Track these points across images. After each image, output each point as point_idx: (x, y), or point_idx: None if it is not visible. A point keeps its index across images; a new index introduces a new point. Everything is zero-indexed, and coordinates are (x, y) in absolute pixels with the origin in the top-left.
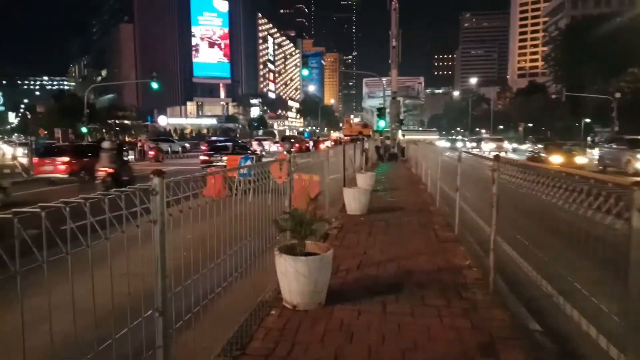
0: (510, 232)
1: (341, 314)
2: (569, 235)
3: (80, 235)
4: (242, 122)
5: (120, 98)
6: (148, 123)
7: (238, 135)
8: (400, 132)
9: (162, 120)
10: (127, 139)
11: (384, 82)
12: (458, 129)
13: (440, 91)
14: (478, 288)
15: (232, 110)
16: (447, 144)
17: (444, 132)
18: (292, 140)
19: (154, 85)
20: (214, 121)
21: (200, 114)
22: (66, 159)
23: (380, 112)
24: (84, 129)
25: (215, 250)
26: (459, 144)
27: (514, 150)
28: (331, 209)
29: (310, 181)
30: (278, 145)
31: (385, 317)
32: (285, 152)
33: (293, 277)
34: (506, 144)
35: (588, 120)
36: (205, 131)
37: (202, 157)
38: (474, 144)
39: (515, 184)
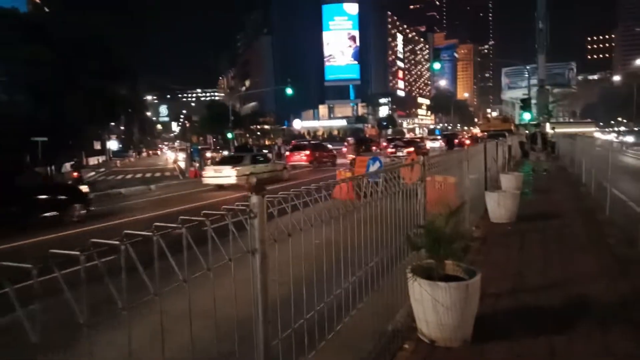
0: None
1: (494, 356)
2: None
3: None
4: (371, 122)
5: (262, 105)
6: (284, 127)
7: (367, 136)
8: (548, 124)
9: (297, 124)
10: (266, 142)
11: (527, 70)
12: (619, 119)
13: (596, 77)
14: None
15: (361, 111)
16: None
17: (600, 124)
18: (397, 144)
19: (289, 91)
20: (344, 122)
21: (332, 116)
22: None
23: (525, 103)
24: (229, 135)
25: (333, 276)
26: None
27: None
28: (471, 215)
29: (444, 183)
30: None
31: None
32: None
33: (430, 307)
34: None
35: None
36: (335, 132)
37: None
38: None
39: None
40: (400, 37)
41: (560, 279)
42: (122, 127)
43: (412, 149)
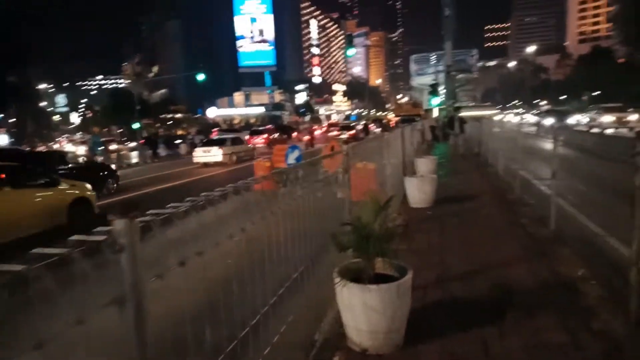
0: None
1: None
2: None
3: None
4: (288, 108)
5: (173, 93)
6: (198, 116)
7: (285, 123)
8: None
9: (212, 112)
10: (178, 132)
11: (434, 57)
12: (515, 102)
13: (494, 63)
14: (609, 314)
15: (278, 98)
16: (532, 119)
17: (499, 106)
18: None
19: (200, 77)
20: (261, 110)
21: (248, 103)
22: None
23: (433, 89)
24: (135, 125)
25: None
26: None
27: None
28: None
29: (364, 170)
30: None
31: None
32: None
33: (361, 312)
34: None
35: None
36: (253, 120)
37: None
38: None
39: None
40: (314, 24)
41: (483, 264)
42: (13, 120)
43: (353, 131)
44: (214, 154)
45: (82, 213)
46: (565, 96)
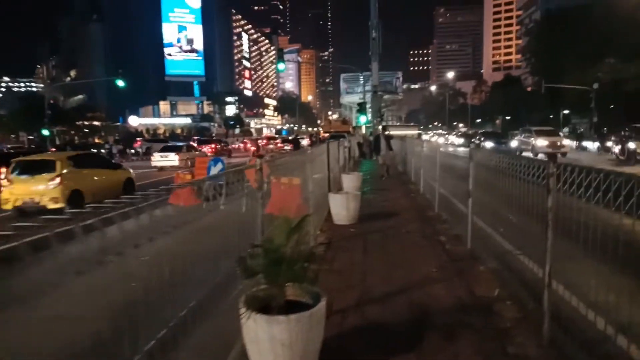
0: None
1: None
2: None
3: None
4: (217, 120)
5: (92, 99)
6: (119, 124)
7: (214, 135)
8: (380, 127)
9: (134, 121)
10: (95, 140)
11: (362, 77)
12: (436, 123)
13: (417, 86)
14: (524, 336)
15: (207, 109)
16: (459, 140)
17: (422, 127)
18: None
19: (120, 83)
20: (188, 120)
21: (175, 113)
22: None
23: (361, 107)
24: (45, 132)
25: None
26: (451, 140)
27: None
28: (315, 218)
29: (289, 185)
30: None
31: None
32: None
33: (268, 347)
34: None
35: (566, 111)
36: (179, 131)
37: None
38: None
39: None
40: (245, 37)
41: (402, 285)
42: None
43: (292, 145)
44: (171, 159)
45: (129, 188)
46: (480, 120)
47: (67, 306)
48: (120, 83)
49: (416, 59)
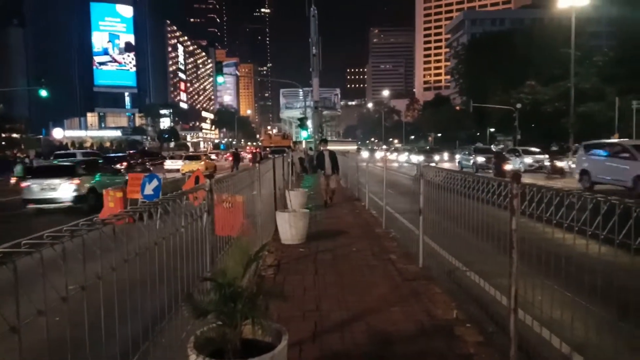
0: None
1: None
2: None
3: None
4: (151, 134)
5: (10, 109)
6: (41, 137)
7: (147, 148)
8: (319, 142)
9: (58, 133)
10: (16, 154)
11: (302, 92)
12: (372, 139)
13: (354, 103)
14: None
15: (139, 122)
16: (418, 158)
17: (359, 142)
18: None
19: (43, 93)
20: (118, 133)
21: (103, 125)
22: None
23: (302, 122)
24: None
25: None
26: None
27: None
28: (262, 238)
29: (232, 202)
30: None
31: None
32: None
33: None
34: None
35: (492, 129)
36: (108, 144)
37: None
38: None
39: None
40: (181, 49)
41: (358, 310)
42: None
43: (232, 157)
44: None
45: None
46: (413, 136)
47: None
48: (43, 93)
49: (353, 77)
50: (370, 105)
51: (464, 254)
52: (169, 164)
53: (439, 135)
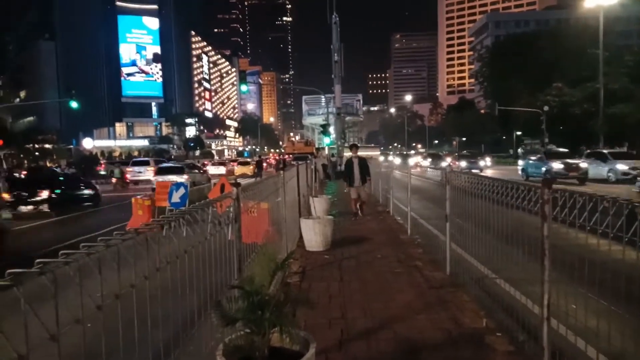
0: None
1: None
2: None
3: None
4: (177, 142)
5: (42, 120)
6: (72, 147)
7: (173, 157)
8: (346, 147)
9: (88, 143)
10: (48, 164)
11: (324, 99)
12: (395, 144)
13: (376, 108)
14: None
15: (165, 131)
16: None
17: (382, 148)
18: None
19: (74, 104)
20: (145, 142)
21: (131, 135)
22: None
23: (324, 129)
24: None
25: None
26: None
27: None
28: (287, 245)
29: (257, 209)
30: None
31: None
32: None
33: None
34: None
35: (519, 132)
36: (136, 153)
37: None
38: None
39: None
40: (205, 59)
41: (384, 318)
42: None
43: (255, 166)
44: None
45: None
46: (437, 141)
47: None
48: (74, 104)
49: (375, 82)
50: (392, 110)
51: (493, 261)
52: (212, 170)
53: (464, 139)
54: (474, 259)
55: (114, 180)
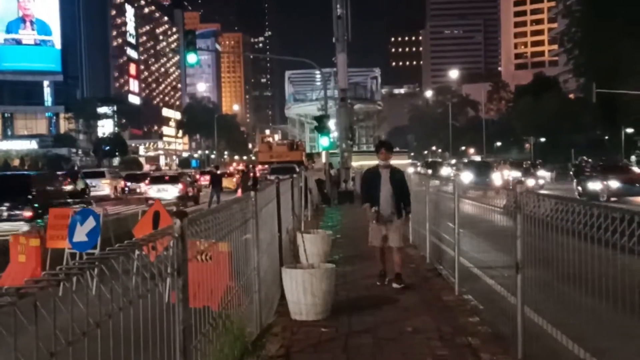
0: None
1: None
2: None
3: None
4: (83, 145)
5: None
6: None
7: (77, 168)
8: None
9: None
10: None
11: (319, 76)
12: (433, 148)
13: (402, 91)
14: None
15: (65, 126)
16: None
17: (412, 153)
18: None
19: None
20: (34, 144)
21: (9, 133)
22: None
23: (321, 123)
24: None
25: None
26: None
27: None
28: (260, 309)
29: (213, 253)
30: None
31: None
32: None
33: None
34: None
35: (630, 129)
36: (16, 162)
37: None
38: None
39: None
40: (131, 11)
41: None
42: None
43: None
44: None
45: None
46: (499, 142)
47: None
48: None
49: (401, 50)
50: (428, 93)
51: (595, 337)
52: (152, 192)
53: (542, 140)
54: (563, 335)
55: None
